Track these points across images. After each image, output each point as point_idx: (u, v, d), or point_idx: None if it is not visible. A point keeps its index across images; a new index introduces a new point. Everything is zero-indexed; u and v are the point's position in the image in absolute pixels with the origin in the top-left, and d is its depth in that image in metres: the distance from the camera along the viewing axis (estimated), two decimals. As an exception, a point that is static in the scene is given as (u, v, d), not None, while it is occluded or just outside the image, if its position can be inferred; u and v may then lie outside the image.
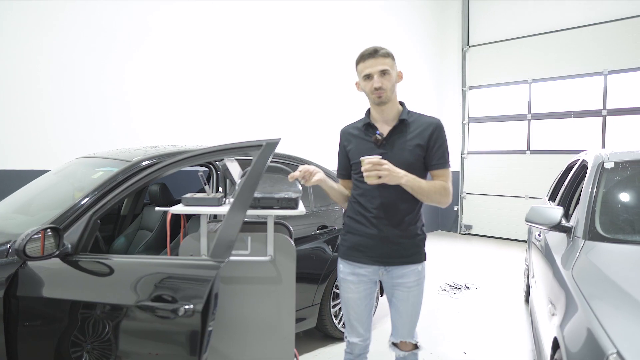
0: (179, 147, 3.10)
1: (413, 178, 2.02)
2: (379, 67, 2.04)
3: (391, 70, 2.07)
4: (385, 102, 2.09)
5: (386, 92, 2.06)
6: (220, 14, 5.71)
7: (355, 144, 2.20)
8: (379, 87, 2.04)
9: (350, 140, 2.22)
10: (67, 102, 4.48)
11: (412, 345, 2.23)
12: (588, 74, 7.74)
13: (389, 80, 2.07)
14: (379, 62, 2.04)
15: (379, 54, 2.05)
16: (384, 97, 2.07)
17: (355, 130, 2.23)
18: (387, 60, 2.06)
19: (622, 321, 1.65)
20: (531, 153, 8.45)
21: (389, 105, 2.12)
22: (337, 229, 3.76)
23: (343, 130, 2.29)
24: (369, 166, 1.90)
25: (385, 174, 1.91)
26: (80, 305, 1.92)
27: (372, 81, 2.05)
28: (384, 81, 2.05)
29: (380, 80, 2.04)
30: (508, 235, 8.64)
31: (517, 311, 4.59)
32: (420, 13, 9.15)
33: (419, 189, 2.04)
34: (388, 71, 2.06)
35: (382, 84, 2.05)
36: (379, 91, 2.05)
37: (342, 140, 2.28)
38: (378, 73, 2.05)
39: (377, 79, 2.05)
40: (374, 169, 1.90)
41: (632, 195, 2.75)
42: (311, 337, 3.81)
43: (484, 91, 9.17)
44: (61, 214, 2.19)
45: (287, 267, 2.30)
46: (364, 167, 1.92)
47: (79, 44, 4.54)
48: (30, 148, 4.24)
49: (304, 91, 6.76)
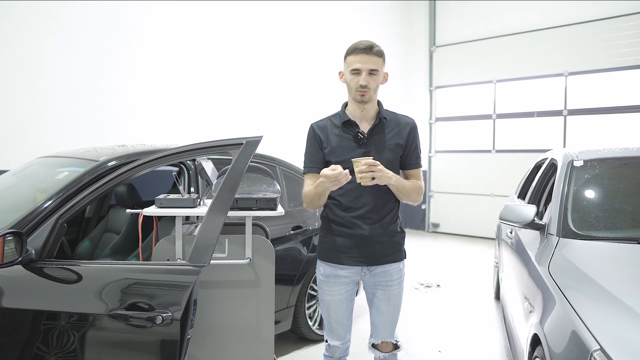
0: (148, 146, 2.97)
1: (399, 178, 2.03)
2: (369, 65, 2.00)
3: (380, 70, 2.04)
4: (367, 102, 2.06)
5: (369, 92, 2.03)
6: (199, 16, 5.66)
7: (334, 141, 2.10)
8: (364, 86, 2.00)
9: (329, 137, 2.11)
10: (26, 97, 4.25)
11: (393, 345, 2.21)
12: (550, 75, 7.99)
13: (376, 80, 2.04)
14: (371, 60, 2.00)
15: (373, 51, 2.01)
16: (367, 96, 2.03)
17: (331, 126, 2.13)
18: (379, 60, 2.03)
19: (602, 317, 1.67)
20: (496, 152, 8.66)
21: (369, 104, 2.09)
22: (312, 229, 3.71)
23: (316, 125, 2.17)
24: (364, 167, 1.86)
25: (379, 175, 1.89)
26: (46, 316, 1.79)
27: (360, 77, 2.00)
28: (371, 80, 2.01)
29: (367, 79, 2.00)
30: (474, 232, 8.81)
31: (488, 308, 4.67)
32: (389, 12, 9.21)
33: (403, 189, 2.05)
34: (377, 71, 2.02)
35: (369, 83, 2.00)
36: (363, 89, 2.01)
37: (316, 135, 2.13)
38: (367, 71, 2.00)
39: (364, 76, 2.00)
40: (368, 170, 1.86)
41: (601, 193, 2.82)
42: (286, 339, 3.75)
43: (451, 91, 9.33)
44: (22, 218, 2.04)
45: (265, 270, 2.24)
46: (358, 169, 1.87)
47: (38, 39, 4.32)
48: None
49: (277, 88, 6.69)
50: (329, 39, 7.33)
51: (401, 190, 2.04)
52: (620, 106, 7.39)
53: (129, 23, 4.99)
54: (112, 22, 4.84)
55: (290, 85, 6.90)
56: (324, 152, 2.11)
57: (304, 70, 7.01)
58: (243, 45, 6.21)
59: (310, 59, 7.08)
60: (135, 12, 5.05)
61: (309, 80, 6.99)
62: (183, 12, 5.53)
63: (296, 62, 6.95)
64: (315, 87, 7.06)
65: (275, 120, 6.63)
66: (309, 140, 2.17)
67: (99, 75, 4.77)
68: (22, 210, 2.11)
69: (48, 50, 4.40)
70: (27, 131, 4.23)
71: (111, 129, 4.84)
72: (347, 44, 2.10)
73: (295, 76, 6.95)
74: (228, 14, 6.00)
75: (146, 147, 2.88)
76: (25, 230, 1.96)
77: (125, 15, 4.96)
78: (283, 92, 6.81)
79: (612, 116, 7.50)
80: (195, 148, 2.03)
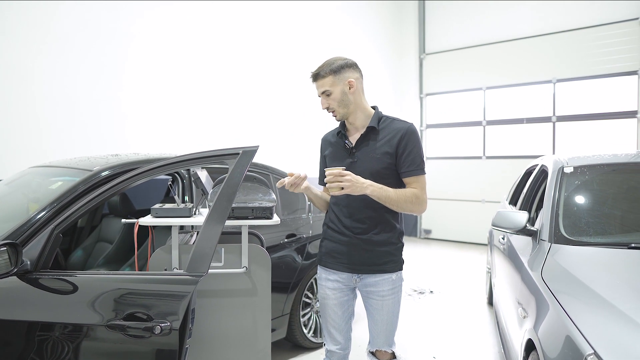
0: (142, 156, 2.96)
1: (380, 187, 1.98)
2: (320, 89, 2.11)
3: (332, 88, 2.08)
4: (345, 117, 2.15)
5: (336, 110, 2.12)
6: (193, 22, 5.69)
7: (330, 152, 2.23)
8: (325, 108, 2.12)
9: (327, 148, 2.27)
10: (18, 106, 4.23)
11: (390, 354, 2.21)
12: (538, 82, 8.10)
13: (333, 99, 2.10)
14: (320, 84, 2.11)
15: (318, 76, 2.10)
16: (337, 115, 2.13)
17: (332, 138, 2.26)
18: (325, 80, 2.09)
19: (596, 322, 1.70)
20: (487, 158, 8.74)
21: (352, 117, 2.15)
22: (305, 237, 3.72)
23: (324, 136, 2.34)
24: (330, 177, 1.90)
25: (348, 185, 1.89)
26: (41, 327, 1.78)
27: (322, 102, 2.14)
28: (329, 101, 2.11)
29: (325, 101, 2.12)
30: (466, 238, 8.86)
31: (481, 313, 4.70)
32: (380, 20, 9.29)
33: (386, 199, 1.99)
34: (328, 91, 2.09)
35: (328, 104, 2.11)
36: (329, 111, 2.13)
37: (322, 148, 2.32)
38: (322, 95, 2.12)
39: (322, 101, 2.12)
40: (335, 180, 1.89)
41: (592, 199, 2.86)
42: (281, 347, 3.74)
43: (441, 98, 9.41)
44: (16, 228, 2.02)
45: (262, 279, 2.24)
46: (326, 179, 1.92)
47: (30, 47, 4.30)
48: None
49: (269, 95, 6.72)
50: (321, 47, 7.38)
51: (385, 200, 1.99)
52: (608, 112, 7.52)
53: (123, 31, 4.99)
54: (105, 30, 4.83)
55: (283, 92, 6.92)
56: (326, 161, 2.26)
57: (296, 77, 7.03)
58: (236, 52, 6.23)
59: (302, 65, 7.09)
60: (129, 19, 5.04)
61: (301, 87, 7.01)
62: (178, 18, 5.54)
63: (288, 69, 6.97)
64: (307, 94, 7.08)
65: (268, 127, 6.64)
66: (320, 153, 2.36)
67: (92, 84, 4.76)
68: (16, 220, 2.09)
69: (41, 58, 4.38)
70: (19, 140, 4.20)
71: (104, 137, 4.82)
72: (339, 51, 2.18)
73: (287, 83, 6.97)
74: (220, 21, 6.02)
75: (140, 157, 2.87)
76: (20, 240, 1.95)
77: (119, 23, 4.95)
78: (276, 99, 6.83)
79: (600, 122, 7.62)
80: (191, 158, 2.03)
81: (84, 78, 4.69)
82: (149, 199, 3.84)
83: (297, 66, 7.07)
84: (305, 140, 6.60)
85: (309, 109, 6.98)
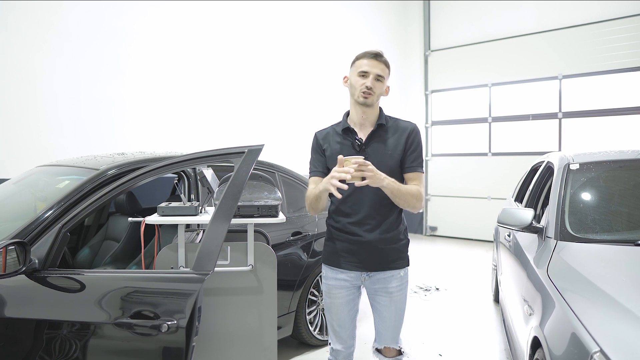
0: (147, 154, 2.98)
1: (393, 181, 2.00)
2: (377, 70, 2.07)
3: (385, 79, 2.12)
4: (369, 105, 2.10)
5: (373, 96, 2.08)
6: (195, 21, 5.69)
7: (334, 148, 2.16)
8: (370, 88, 2.06)
9: (330, 144, 2.18)
10: (23, 106, 4.26)
11: (396, 351, 2.22)
12: (544, 78, 8.05)
13: (380, 87, 2.10)
14: (379, 66, 2.08)
15: (382, 59, 2.10)
16: (370, 100, 2.07)
17: (333, 134, 2.20)
18: (386, 69, 2.11)
19: (601, 319, 1.69)
20: (492, 155, 8.70)
21: (370, 109, 2.13)
22: (311, 234, 3.72)
23: (319, 132, 2.26)
24: (355, 166, 1.83)
25: (370, 175, 1.87)
26: (50, 325, 1.80)
27: (366, 80, 2.07)
28: (377, 85, 2.08)
29: (374, 83, 2.07)
30: (472, 235, 8.84)
31: (487, 311, 4.69)
32: (385, 17, 9.27)
33: (398, 192, 2.01)
34: (383, 78, 2.10)
35: (374, 86, 2.07)
36: (369, 91, 2.06)
37: (318, 143, 2.21)
38: (374, 75, 2.07)
39: (371, 79, 2.06)
40: (359, 170, 1.85)
41: (597, 196, 2.85)
42: (287, 345, 3.75)
43: (446, 94, 9.38)
44: (25, 227, 2.04)
45: (267, 276, 2.25)
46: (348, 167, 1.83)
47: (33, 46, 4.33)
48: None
49: (274, 93, 6.72)
50: (326, 45, 7.37)
51: (396, 194, 2.01)
52: (614, 108, 7.46)
53: (126, 29, 5.00)
54: (107, 29, 4.85)
55: (288, 90, 6.92)
56: (326, 157, 2.18)
57: (301, 75, 7.04)
58: (240, 51, 6.24)
59: (307, 63, 7.11)
60: (131, 18, 5.06)
61: (307, 85, 7.02)
62: (181, 16, 5.55)
63: (293, 67, 6.97)
64: (312, 92, 7.09)
65: (273, 125, 6.65)
66: (312, 148, 2.25)
67: (96, 82, 4.78)
68: (24, 219, 2.11)
69: (44, 57, 4.41)
70: (26, 140, 4.23)
71: (110, 135, 4.85)
72: (344, 49, 2.17)
73: (292, 81, 6.97)
74: (224, 18, 6.03)
75: (146, 155, 2.89)
76: (28, 239, 1.97)
77: (122, 21, 4.97)
78: (281, 97, 6.83)
79: (606, 118, 7.56)
80: (197, 157, 2.04)
81: (86, 76, 4.72)
82: (156, 197, 3.86)
83: (302, 64, 7.07)
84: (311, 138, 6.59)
85: (315, 107, 6.98)
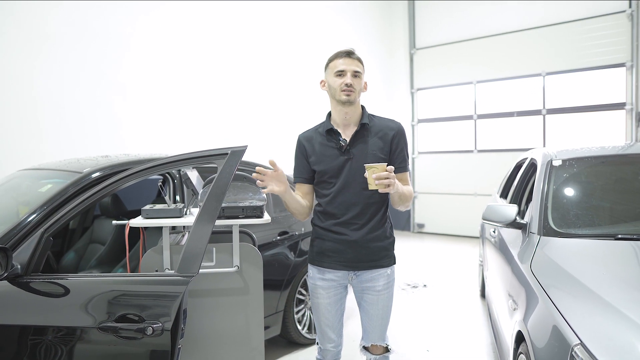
0: (132, 156, 2.96)
1: (400, 185, 2.04)
2: (353, 67, 2.09)
3: (362, 74, 2.12)
4: (352, 102, 2.10)
5: (354, 93, 2.09)
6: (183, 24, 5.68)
7: (318, 150, 2.17)
8: (350, 84, 2.06)
9: (313, 146, 2.18)
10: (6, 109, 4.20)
11: (383, 348, 2.24)
12: (528, 75, 8.14)
13: (359, 83, 2.11)
14: (354, 62, 2.10)
15: (355, 56, 2.11)
16: (352, 96, 2.08)
17: (317, 136, 2.20)
18: (361, 64, 2.13)
19: (582, 313, 1.73)
20: (478, 152, 8.78)
21: (352, 108, 2.13)
22: (298, 234, 3.73)
23: (302, 136, 2.25)
24: (385, 173, 1.84)
25: (393, 182, 1.89)
26: (34, 331, 1.78)
27: (344, 78, 2.07)
28: (355, 81, 2.09)
29: (353, 79, 2.08)
30: (459, 232, 8.91)
31: (474, 306, 4.74)
32: (369, 15, 9.29)
33: (402, 195, 2.06)
34: (360, 74, 2.11)
35: (354, 83, 2.08)
36: (349, 88, 2.07)
37: (303, 146, 2.21)
38: (351, 72, 2.08)
39: (349, 76, 2.07)
40: (385, 177, 1.85)
41: (580, 191, 2.89)
42: (276, 344, 3.76)
43: (432, 92, 9.44)
44: (6, 232, 2.02)
45: (254, 277, 2.25)
46: (377, 174, 1.84)
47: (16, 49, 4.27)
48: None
49: (259, 93, 6.71)
50: (311, 44, 7.38)
51: (401, 198, 2.07)
52: (597, 104, 7.58)
53: (115, 33, 4.96)
54: (92, 33, 4.80)
55: (274, 90, 6.91)
56: (310, 161, 2.18)
57: (287, 75, 7.03)
58: (226, 51, 6.21)
59: (293, 63, 7.11)
60: (120, 22, 5.01)
61: (293, 85, 7.01)
62: (166, 20, 5.51)
63: (279, 67, 6.97)
64: (298, 91, 7.09)
65: (259, 125, 6.64)
66: (296, 152, 2.25)
67: (78, 85, 4.73)
68: (6, 224, 2.09)
69: (31, 60, 4.35)
70: (7, 143, 4.17)
71: (93, 138, 4.80)
72: (329, 48, 2.16)
73: (278, 81, 6.97)
74: (210, 20, 6.00)
75: (130, 157, 2.87)
76: (10, 244, 1.94)
77: (112, 25, 4.92)
78: (267, 97, 6.82)
79: (590, 114, 7.68)
80: (181, 159, 2.03)
81: (69, 79, 4.66)
82: (141, 198, 3.83)
83: (288, 64, 7.07)
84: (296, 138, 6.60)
85: (301, 107, 6.98)
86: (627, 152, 3.22)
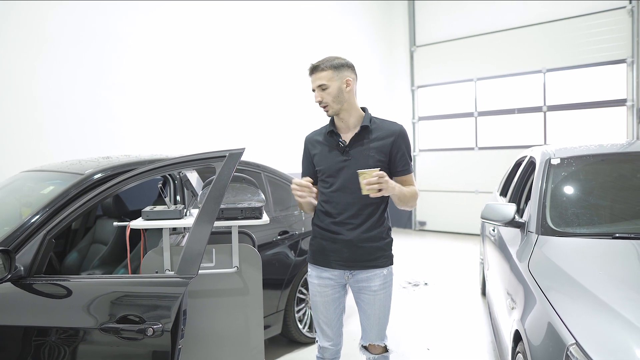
0: (132, 158, 2.98)
1: (400, 187, 2.08)
2: (317, 82, 2.13)
3: (329, 82, 2.12)
4: (336, 113, 2.16)
5: (329, 105, 2.13)
6: (182, 24, 5.69)
7: (320, 151, 2.23)
8: (319, 101, 2.13)
9: (316, 146, 2.25)
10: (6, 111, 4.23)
11: (382, 348, 2.26)
12: (528, 72, 8.13)
13: (329, 93, 2.12)
14: (317, 77, 2.13)
15: (317, 69, 2.13)
16: (329, 110, 2.14)
17: (320, 137, 2.26)
18: (323, 74, 2.12)
19: (578, 313, 1.74)
20: (479, 149, 8.78)
21: (344, 114, 2.17)
22: (298, 233, 3.75)
23: (308, 137, 2.33)
24: (374, 179, 1.91)
25: (385, 187, 1.95)
26: (36, 332, 1.81)
27: (315, 95, 2.14)
28: (323, 95, 2.12)
29: (320, 95, 2.13)
30: (460, 229, 8.92)
31: (474, 304, 4.75)
32: (369, 13, 9.29)
33: (403, 197, 2.10)
34: (325, 85, 2.12)
35: (322, 97, 2.12)
36: (322, 105, 2.14)
37: (308, 147, 2.30)
38: (317, 88, 2.13)
39: (316, 93, 2.13)
40: (376, 182, 1.92)
41: (578, 190, 2.90)
42: (277, 343, 3.78)
43: (432, 90, 9.44)
44: (9, 234, 2.04)
45: (253, 278, 2.28)
46: (367, 180, 1.92)
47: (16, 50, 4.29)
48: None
49: (259, 93, 6.72)
50: (311, 44, 7.37)
51: (402, 199, 2.11)
52: (598, 101, 7.57)
53: (115, 33, 4.98)
54: (91, 32, 4.82)
55: (274, 89, 6.92)
56: (314, 160, 2.25)
57: (288, 74, 7.04)
58: (226, 51, 6.22)
59: (294, 62, 7.10)
60: (120, 22, 5.03)
61: (293, 84, 7.01)
62: (164, 21, 5.53)
63: (280, 66, 6.97)
64: (299, 91, 7.08)
65: (259, 125, 6.65)
66: (303, 151, 2.34)
67: (78, 85, 4.74)
68: (9, 225, 2.12)
69: (30, 60, 4.37)
70: (7, 143, 4.20)
71: (93, 138, 4.82)
72: (329, 47, 2.19)
73: (279, 80, 6.97)
74: (209, 20, 6.01)
75: (131, 159, 2.89)
76: (13, 246, 1.97)
77: (112, 25, 4.94)
78: (267, 97, 6.83)
79: (590, 111, 7.67)
80: (180, 161, 2.06)
81: (70, 78, 4.68)
82: (143, 198, 3.86)
83: (288, 64, 7.07)
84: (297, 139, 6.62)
85: (300, 107, 6.98)
86: (625, 150, 3.22)
